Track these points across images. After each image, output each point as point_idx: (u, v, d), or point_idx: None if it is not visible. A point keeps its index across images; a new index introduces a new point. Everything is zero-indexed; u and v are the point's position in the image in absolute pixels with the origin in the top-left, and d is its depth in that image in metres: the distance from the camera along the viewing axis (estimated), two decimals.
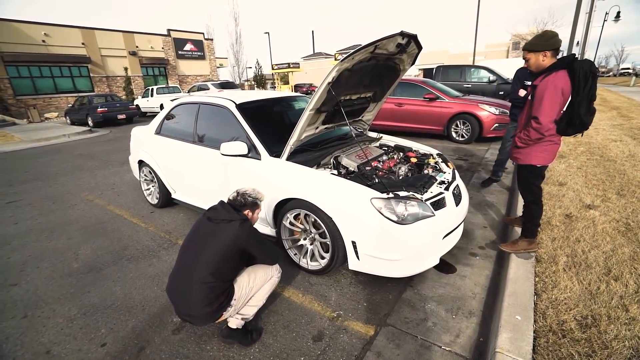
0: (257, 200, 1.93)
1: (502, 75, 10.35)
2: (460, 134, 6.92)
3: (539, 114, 2.17)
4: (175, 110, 3.76)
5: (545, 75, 2.18)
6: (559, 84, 2.11)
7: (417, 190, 2.33)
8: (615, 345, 1.65)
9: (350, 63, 2.26)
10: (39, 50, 18.32)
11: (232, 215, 1.79)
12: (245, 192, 1.91)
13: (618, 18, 17.99)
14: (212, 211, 1.86)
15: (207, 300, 1.67)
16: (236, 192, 1.92)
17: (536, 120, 2.19)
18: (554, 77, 2.13)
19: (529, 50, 2.29)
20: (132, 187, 5.05)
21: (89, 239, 3.41)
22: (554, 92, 2.12)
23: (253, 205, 1.91)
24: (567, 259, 2.40)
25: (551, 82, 2.12)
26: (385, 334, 1.97)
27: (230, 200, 1.90)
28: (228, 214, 1.80)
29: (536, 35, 2.32)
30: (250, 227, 1.81)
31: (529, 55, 2.30)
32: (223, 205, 1.87)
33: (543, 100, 2.15)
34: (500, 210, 3.63)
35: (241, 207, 1.87)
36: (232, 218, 1.77)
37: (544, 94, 2.14)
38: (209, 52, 27.84)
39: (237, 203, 1.87)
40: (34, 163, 7.26)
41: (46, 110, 18.48)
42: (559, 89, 2.11)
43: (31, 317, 2.26)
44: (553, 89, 2.11)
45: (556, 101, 2.13)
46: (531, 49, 2.27)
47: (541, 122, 2.17)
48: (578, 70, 2.06)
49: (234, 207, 1.86)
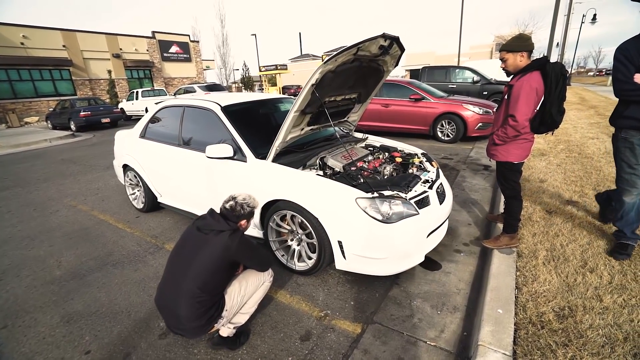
0: (253, 209, 1.86)
1: (485, 76, 10.59)
2: (445, 133, 7.06)
3: (515, 112, 2.26)
4: (160, 114, 3.72)
5: (521, 76, 2.27)
6: (533, 84, 2.20)
7: (402, 189, 2.37)
8: (590, 334, 1.72)
9: (333, 65, 2.29)
10: (18, 52, 17.74)
11: (221, 225, 1.71)
12: (244, 201, 1.80)
13: (594, 20, 18.65)
14: (201, 221, 1.79)
15: (196, 314, 1.64)
16: (234, 200, 1.80)
17: (513, 118, 2.28)
18: (528, 77, 2.21)
19: (508, 50, 2.37)
20: (116, 191, 4.96)
21: (72, 245, 3.34)
22: (529, 92, 2.21)
23: (250, 215, 1.84)
24: (547, 253, 2.49)
25: (526, 82, 2.21)
26: (372, 332, 1.99)
27: (226, 210, 1.79)
28: (218, 224, 1.72)
29: (513, 37, 2.40)
30: (240, 237, 1.74)
31: (507, 56, 2.38)
32: (212, 214, 1.79)
33: (519, 99, 2.23)
34: (484, 207, 3.72)
35: (238, 217, 1.78)
36: (221, 229, 1.70)
37: (520, 93, 2.23)
38: (195, 55, 27.54)
39: (236, 213, 1.77)
40: (14, 169, 7.04)
41: (26, 114, 17.92)
42: (534, 89, 2.20)
43: (11, 327, 2.20)
44: (528, 89, 2.20)
45: (531, 100, 2.22)
46: (509, 49, 2.36)
47: (517, 119, 2.25)
48: (550, 72, 2.16)
49: (228, 216, 1.77)
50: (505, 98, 2.42)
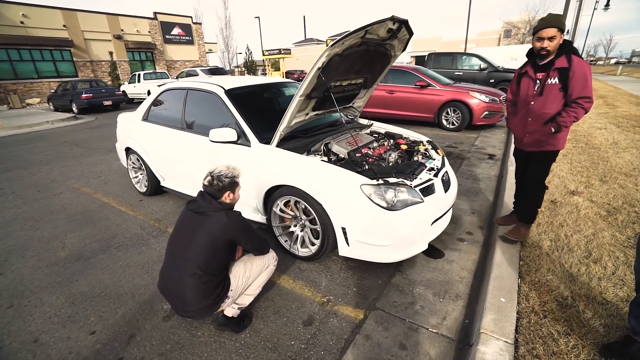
0: (234, 179, 1.77)
1: (493, 63, 10.37)
2: (450, 121, 6.96)
3: (589, 92, 2.10)
4: (162, 96, 3.67)
5: (568, 57, 2.12)
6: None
7: (407, 176, 2.34)
8: (593, 323, 1.73)
9: (340, 48, 2.23)
10: (18, 32, 17.45)
11: (214, 205, 1.70)
12: (220, 173, 1.73)
13: (608, 6, 18.06)
14: (194, 204, 1.76)
15: (202, 294, 1.65)
16: (210, 175, 1.74)
17: (587, 100, 2.10)
18: (577, 59, 2.10)
19: (561, 29, 2.07)
20: (119, 175, 4.95)
21: (76, 227, 3.35)
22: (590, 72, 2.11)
23: (232, 186, 1.76)
24: (551, 243, 2.48)
25: (584, 62, 2.10)
26: (374, 318, 2.01)
27: (206, 187, 1.74)
28: (210, 204, 1.70)
29: (555, 14, 2.14)
30: (237, 216, 1.73)
31: (557, 34, 2.07)
32: (203, 196, 1.75)
33: (588, 80, 2.09)
34: (488, 196, 3.70)
35: (219, 191, 1.73)
36: (215, 208, 1.69)
37: (586, 73, 2.08)
38: (197, 37, 27.03)
39: (215, 188, 1.72)
40: (17, 150, 7.04)
41: (27, 95, 17.80)
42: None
43: (17, 306, 2.24)
44: (589, 69, 2.10)
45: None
46: (562, 28, 2.08)
47: (592, 100, 2.12)
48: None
49: (211, 193, 1.73)
50: (554, 82, 2.14)
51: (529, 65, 2.32)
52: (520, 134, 2.44)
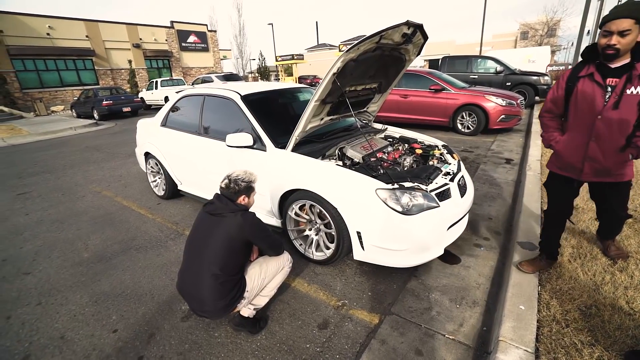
0: (251, 184, 1.84)
1: (509, 66, 10.18)
2: (466, 125, 6.86)
3: None
4: (180, 103, 3.77)
5: None
6: None
7: (422, 181, 2.33)
8: (619, 335, 1.66)
9: (355, 53, 2.25)
10: (44, 43, 18.37)
11: (230, 207, 1.76)
12: (237, 177, 1.81)
13: None
14: (210, 206, 1.82)
15: (219, 295, 1.69)
16: (227, 178, 1.82)
17: None
18: None
19: (638, 19, 1.55)
20: (138, 179, 5.10)
21: (98, 229, 3.48)
22: None
23: (247, 190, 1.83)
24: (573, 250, 2.40)
25: None
26: (389, 323, 2.00)
27: (223, 189, 1.81)
28: (226, 206, 1.76)
29: (634, 1, 1.60)
30: (252, 217, 1.78)
31: (634, 27, 1.56)
32: (219, 198, 1.81)
33: None
34: (505, 202, 3.62)
35: (235, 194, 1.79)
36: (231, 210, 1.74)
37: None
38: (212, 44, 27.70)
39: (231, 191, 1.78)
40: (43, 156, 7.35)
41: (52, 103, 18.63)
42: None
43: (45, 304, 2.33)
44: None
45: None
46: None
47: None
48: None
49: (227, 196, 1.80)
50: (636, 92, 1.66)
51: (592, 67, 1.78)
52: (576, 160, 1.93)
